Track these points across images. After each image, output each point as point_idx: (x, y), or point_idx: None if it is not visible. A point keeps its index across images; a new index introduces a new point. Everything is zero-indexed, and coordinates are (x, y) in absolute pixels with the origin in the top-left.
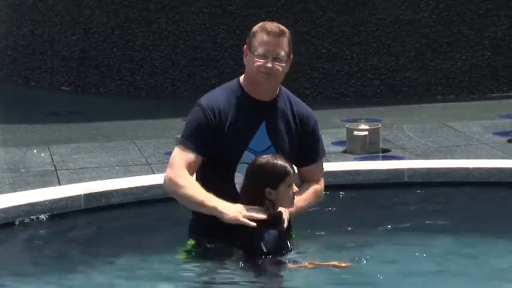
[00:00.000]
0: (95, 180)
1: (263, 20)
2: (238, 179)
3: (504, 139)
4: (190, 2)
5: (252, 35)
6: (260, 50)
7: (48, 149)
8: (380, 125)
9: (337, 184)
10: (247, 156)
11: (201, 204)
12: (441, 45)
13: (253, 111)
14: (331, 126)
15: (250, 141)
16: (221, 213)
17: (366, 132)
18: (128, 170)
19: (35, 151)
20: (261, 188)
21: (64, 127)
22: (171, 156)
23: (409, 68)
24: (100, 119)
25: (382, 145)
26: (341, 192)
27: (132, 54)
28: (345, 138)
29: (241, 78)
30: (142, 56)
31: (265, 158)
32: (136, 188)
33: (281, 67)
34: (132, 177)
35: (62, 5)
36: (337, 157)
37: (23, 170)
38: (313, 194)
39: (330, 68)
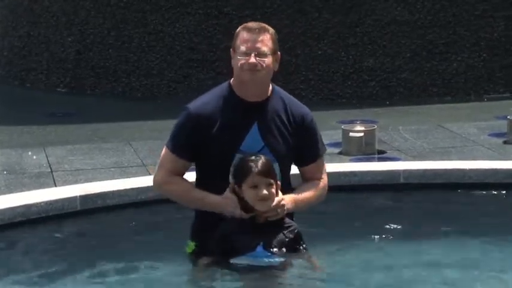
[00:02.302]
0: (91, 181)
1: (259, 21)
2: None
3: (500, 140)
4: (186, 4)
5: (235, 36)
6: (242, 48)
7: (44, 150)
8: (376, 126)
9: (332, 185)
10: None
11: (200, 204)
12: (437, 47)
13: (244, 112)
14: (327, 128)
15: (240, 144)
16: (221, 206)
17: (362, 134)
18: (123, 172)
19: (29, 153)
20: (232, 183)
21: (60, 128)
22: (161, 156)
23: (405, 69)
24: (96, 120)
25: (378, 146)
26: (337, 194)
27: (127, 55)
28: (340, 140)
29: (232, 80)
30: (138, 57)
31: (246, 155)
32: (132, 189)
33: (265, 62)
34: (128, 179)
35: (57, 6)
36: (332, 158)
37: (19, 172)
38: (314, 191)
39: (325, 69)
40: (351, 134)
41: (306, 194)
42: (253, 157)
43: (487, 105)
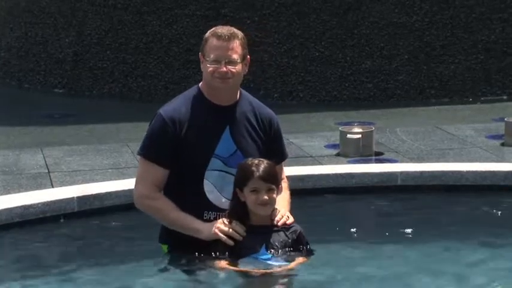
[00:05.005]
0: (88, 182)
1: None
2: (208, 186)
3: (497, 142)
4: (183, 5)
5: (204, 42)
6: (212, 56)
7: (41, 151)
8: (373, 128)
9: (330, 187)
10: (214, 163)
11: (181, 228)
12: (434, 49)
13: (216, 116)
14: (325, 129)
15: (215, 148)
16: (200, 234)
17: (359, 135)
18: (121, 173)
19: (27, 154)
20: (234, 187)
21: (57, 129)
22: (138, 170)
23: (402, 71)
24: (93, 121)
25: (375, 148)
26: (334, 195)
27: (125, 56)
28: (338, 141)
29: (201, 84)
30: (135, 58)
31: (247, 159)
32: (130, 190)
33: (235, 69)
34: (125, 180)
35: (55, 7)
36: (330, 160)
37: (16, 173)
38: (289, 194)
39: (323, 70)
40: (349, 135)
41: (288, 201)
42: (256, 161)
43: (484, 107)
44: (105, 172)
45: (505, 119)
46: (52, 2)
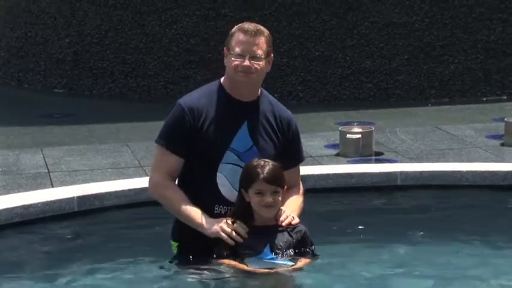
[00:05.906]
0: (88, 182)
1: (257, 23)
2: (221, 179)
3: (497, 142)
4: (183, 5)
5: (230, 36)
6: (237, 50)
7: (41, 151)
8: (373, 128)
9: (330, 187)
10: (229, 157)
11: (187, 219)
12: (434, 49)
13: (235, 111)
14: (324, 129)
15: (231, 142)
16: (204, 229)
17: (359, 135)
18: (121, 173)
19: (27, 153)
20: (240, 187)
21: (57, 129)
22: (154, 158)
23: (402, 71)
24: (93, 121)
25: (375, 148)
26: (334, 195)
27: (125, 56)
28: (338, 141)
29: (222, 79)
30: (135, 58)
31: (253, 160)
32: (129, 190)
33: (259, 65)
34: (125, 180)
35: (55, 7)
36: (330, 160)
37: (16, 172)
38: (301, 200)
39: (323, 70)
40: (349, 135)
41: (299, 205)
42: (261, 163)
43: (484, 107)
44: (105, 172)
45: (505, 119)
46: (52, 2)
